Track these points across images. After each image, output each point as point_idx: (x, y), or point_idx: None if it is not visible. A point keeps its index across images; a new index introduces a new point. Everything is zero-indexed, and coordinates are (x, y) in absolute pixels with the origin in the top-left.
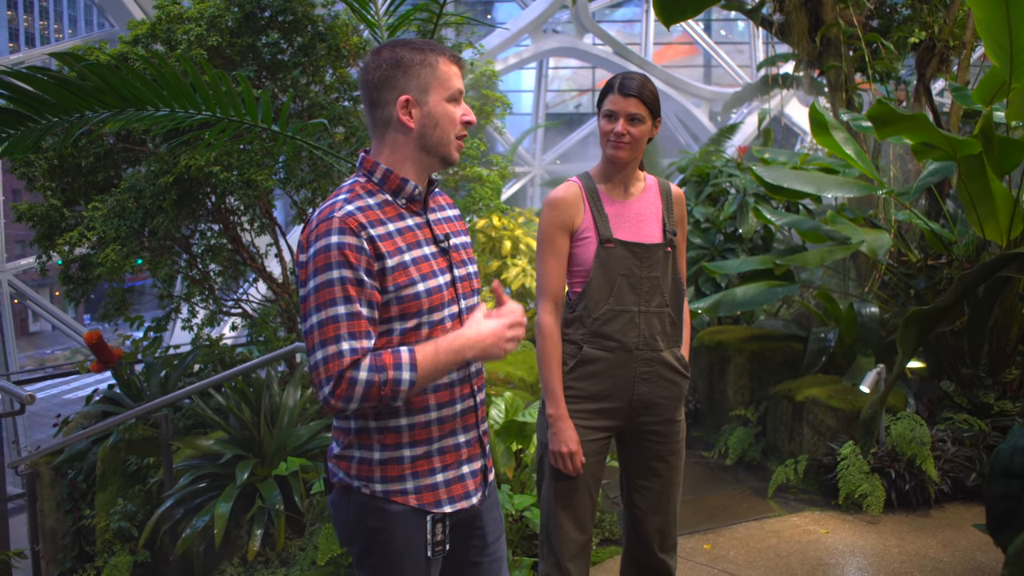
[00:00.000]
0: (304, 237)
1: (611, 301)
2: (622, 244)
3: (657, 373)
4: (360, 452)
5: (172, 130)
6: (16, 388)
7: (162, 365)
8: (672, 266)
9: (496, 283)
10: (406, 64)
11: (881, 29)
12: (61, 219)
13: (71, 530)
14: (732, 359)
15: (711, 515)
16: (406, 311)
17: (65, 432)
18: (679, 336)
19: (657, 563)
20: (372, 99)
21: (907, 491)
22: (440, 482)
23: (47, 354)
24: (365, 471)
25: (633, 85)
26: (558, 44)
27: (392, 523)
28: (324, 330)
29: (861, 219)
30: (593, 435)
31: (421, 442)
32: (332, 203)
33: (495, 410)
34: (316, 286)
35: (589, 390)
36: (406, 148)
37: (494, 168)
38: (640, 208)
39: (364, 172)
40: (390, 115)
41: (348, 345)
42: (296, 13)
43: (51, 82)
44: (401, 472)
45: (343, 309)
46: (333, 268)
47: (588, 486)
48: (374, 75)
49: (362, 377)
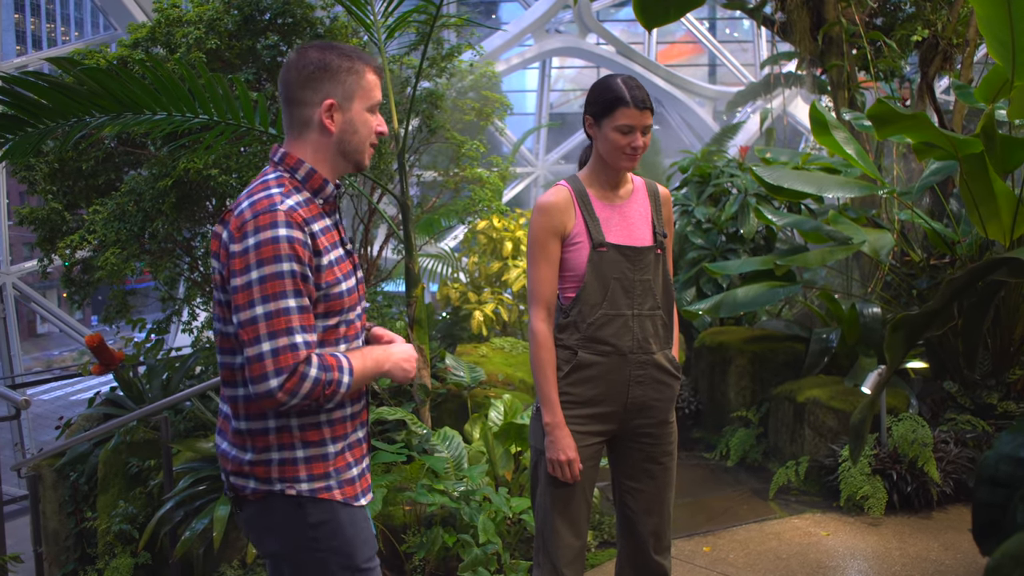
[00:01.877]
0: (235, 227)
1: (605, 305)
2: (615, 248)
3: (650, 376)
4: (280, 453)
5: (172, 133)
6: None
7: (164, 367)
8: (662, 268)
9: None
10: (334, 69)
11: (884, 27)
12: (62, 222)
13: (73, 532)
14: (734, 360)
15: (711, 517)
16: (331, 309)
17: (67, 434)
18: (670, 338)
19: (652, 564)
20: (294, 97)
21: (909, 493)
22: (356, 475)
23: (54, 356)
24: (289, 472)
25: (643, 97)
26: (561, 44)
27: (334, 513)
28: (274, 322)
29: (863, 219)
30: (588, 440)
31: (340, 437)
32: (267, 195)
33: (494, 412)
34: (262, 277)
35: (584, 395)
36: (325, 150)
37: (494, 170)
38: (630, 211)
39: (286, 168)
40: (311, 116)
41: (302, 338)
42: (295, 15)
43: (48, 87)
44: (326, 468)
45: (294, 302)
46: (283, 260)
47: (584, 491)
48: (298, 74)
49: (312, 374)
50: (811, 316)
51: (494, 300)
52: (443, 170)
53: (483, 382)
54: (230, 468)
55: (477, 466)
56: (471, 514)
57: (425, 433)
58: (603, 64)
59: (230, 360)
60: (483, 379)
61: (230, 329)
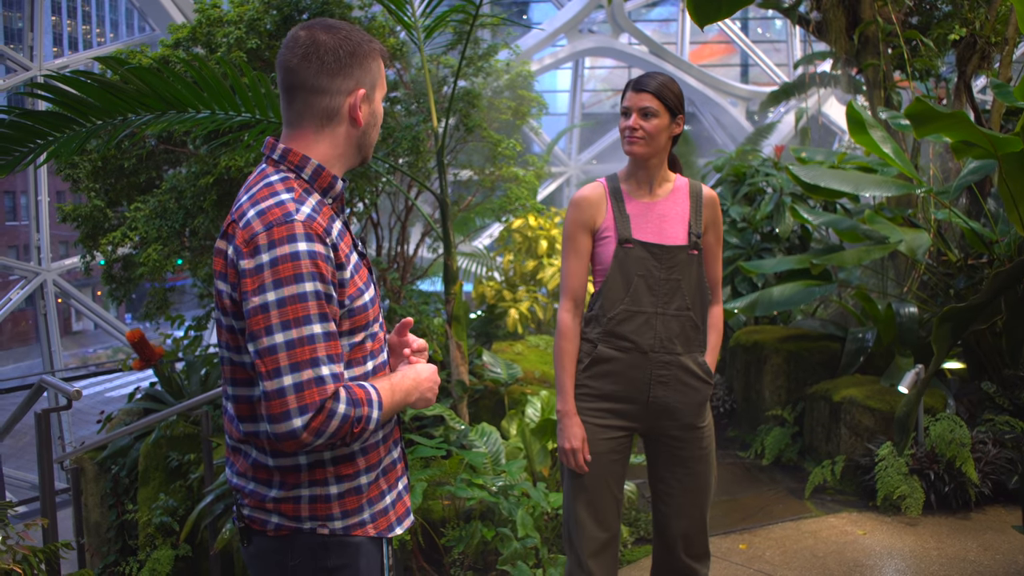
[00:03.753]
0: (243, 241)
1: (627, 301)
2: (641, 245)
3: (675, 377)
4: (311, 490)
5: (212, 132)
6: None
7: (202, 363)
8: (697, 269)
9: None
10: (362, 54)
11: (920, 26)
12: (104, 219)
13: (114, 524)
14: (769, 359)
15: (747, 515)
16: (356, 325)
17: (108, 428)
18: (702, 341)
19: (681, 567)
20: (313, 84)
21: (947, 493)
22: (389, 504)
23: (90, 353)
24: (321, 510)
25: (645, 80)
26: (594, 44)
27: (355, 557)
28: (297, 352)
29: (900, 218)
30: (609, 433)
31: (373, 466)
32: (278, 202)
33: (531, 409)
34: (281, 299)
35: (603, 389)
36: (345, 144)
37: (530, 168)
38: (665, 209)
39: (290, 167)
40: (338, 106)
41: (328, 370)
42: (333, 15)
43: (96, 86)
44: (359, 503)
45: (319, 328)
46: (305, 280)
47: (608, 483)
48: (319, 59)
49: (340, 410)
50: (846, 315)
51: (529, 298)
52: (479, 169)
53: (519, 379)
54: (247, 502)
55: (515, 461)
56: (510, 508)
57: (463, 429)
58: (635, 64)
59: (247, 392)
60: (520, 376)
61: (247, 359)
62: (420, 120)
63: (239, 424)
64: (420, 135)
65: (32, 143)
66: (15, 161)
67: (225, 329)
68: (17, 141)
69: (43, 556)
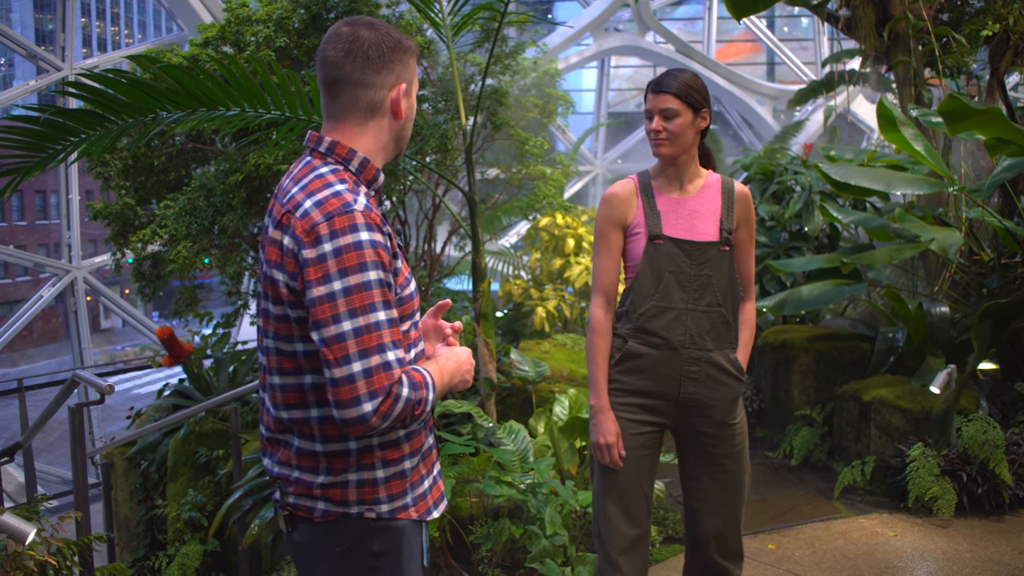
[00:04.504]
0: (303, 230)
1: (657, 297)
2: (671, 241)
3: (705, 373)
4: (358, 475)
5: (241, 130)
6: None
7: (230, 360)
8: (728, 265)
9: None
10: (403, 50)
11: (952, 22)
12: (134, 217)
13: (144, 519)
14: (797, 358)
15: (776, 515)
16: (404, 313)
17: (138, 424)
18: (733, 337)
19: (713, 566)
20: (359, 78)
21: (979, 495)
22: (427, 488)
23: (118, 350)
24: (368, 494)
25: (663, 81)
26: (620, 43)
27: (399, 542)
28: (365, 339)
29: (931, 217)
30: (640, 428)
31: (416, 451)
32: (335, 193)
33: (559, 407)
34: (347, 288)
35: (634, 385)
36: (387, 138)
37: (557, 166)
38: (696, 205)
39: (338, 159)
40: (382, 100)
41: (394, 356)
42: (361, 13)
43: (127, 83)
44: (404, 487)
45: (384, 315)
46: (369, 268)
47: (639, 479)
48: (372, 52)
49: (404, 394)
50: (876, 315)
51: (556, 297)
52: (506, 167)
53: (547, 377)
54: (292, 490)
55: (544, 459)
56: (538, 506)
57: (491, 427)
58: (661, 63)
59: (296, 380)
60: (547, 374)
61: (298, 347)
62: (448, 118)
63: (285, 412)
64: (448, 133)
65: (64, 141)
66: (48, 159)
67: (275, 318)
68: (50, 139)
69: (76, 549)
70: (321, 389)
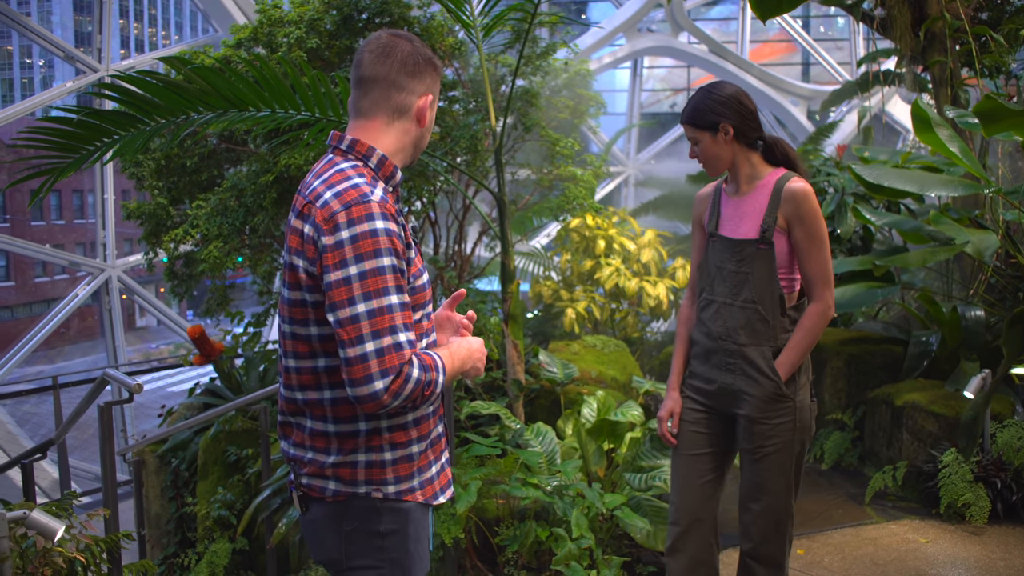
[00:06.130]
0: (323, 219)
1: (708, 291)
2: (721, 239)
3: (738, 367)
4: (367, 455)
5: (272, 131)
6: (125, 377)
7: (261, 359)
8: (767, 263)
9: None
10: (434, 66)
11: (990, 21)
12: (167, 217)
13: (174, 516)
14: (829, 361)
15: (805, 520)
16: (416, 302)
17: (169, 422)
18: (772, 335)
19: (745, 561)
20: (394, 80)
21: (1014, 502)
22: (434, 474)
23: (152, 348)
24: (376, 474)
25: (684, 110)
26: (653, 43)
27: (405, 522)
28: (378, 320)
29: (966, 219)
30: (693, 405)
31: (424, 436)
32: (352, 185)
33: (587, 409)
34: (362, 272)
35: (695, 369)
36: (407, 141)
37: (588, 167)
38: (746, 205)
39: (358, 156)
40: (411, 104)
41: (405, 337)
42: (392, 15)
43: (160, 85)
44: (410, 470)
45: (396, 299)
46: (383, 255)
47: (690, 456)
48: (401, 60)
49: (415, 375)
50: (909, 318)
51: (586, 298)
52: (536, 168)
53: (576, 379)
54: (306, 470)
55: (571, 461)
56: (565, 508)
57: (518, 428)
58: (695, 63)
59: (310, 363)
60: (576, 376)
61: (312, 331)
62: (478, 119)
63: (300, 393)
64: (478, 134)
65: (99, 141)
66: (83, 159)
67: (290, 304)
68: (85, 139)
69: (105, 546)
70: (334, 372)
